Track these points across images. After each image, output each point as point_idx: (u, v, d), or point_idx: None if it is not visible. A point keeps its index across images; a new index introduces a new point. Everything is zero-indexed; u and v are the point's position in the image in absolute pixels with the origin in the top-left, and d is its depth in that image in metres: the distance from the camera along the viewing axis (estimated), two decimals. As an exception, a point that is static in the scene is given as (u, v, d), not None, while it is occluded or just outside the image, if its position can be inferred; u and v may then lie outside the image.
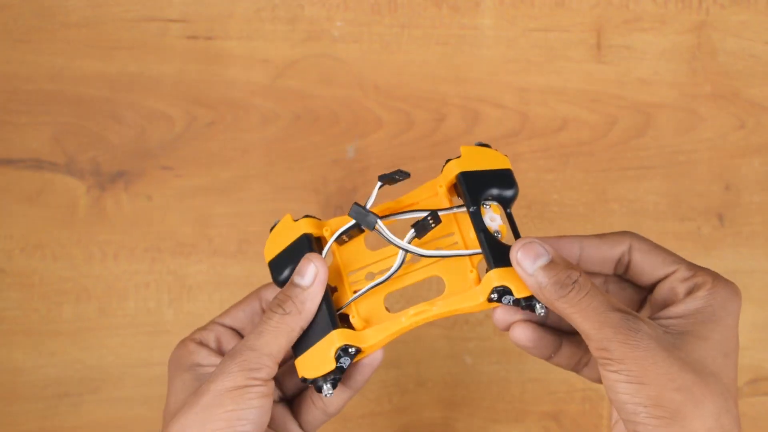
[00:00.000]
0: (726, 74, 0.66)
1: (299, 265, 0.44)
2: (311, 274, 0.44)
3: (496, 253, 0.43)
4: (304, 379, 0.44)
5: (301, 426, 0.48)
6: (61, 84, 0.64)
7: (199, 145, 0.64)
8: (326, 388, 0.43)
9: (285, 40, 0.65)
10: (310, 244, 0.45)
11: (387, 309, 0.45)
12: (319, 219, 0.46)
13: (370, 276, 0.46)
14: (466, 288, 0.44)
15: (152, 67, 0.64)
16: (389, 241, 0.43)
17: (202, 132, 0.64)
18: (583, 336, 0.41)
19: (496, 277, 0.42)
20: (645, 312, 0.46)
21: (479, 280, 0.44)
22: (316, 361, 0.43)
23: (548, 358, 0.46)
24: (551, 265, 0.41)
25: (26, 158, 0.64)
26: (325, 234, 0.46)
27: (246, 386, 0.42)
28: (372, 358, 0.45)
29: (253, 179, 0.64)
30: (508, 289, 0.42)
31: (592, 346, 0.40)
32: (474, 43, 0.66)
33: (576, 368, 0.47)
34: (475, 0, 0.65)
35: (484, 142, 0.47)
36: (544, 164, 0.65)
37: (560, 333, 0.46)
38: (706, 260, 0.65)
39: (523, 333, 0.44)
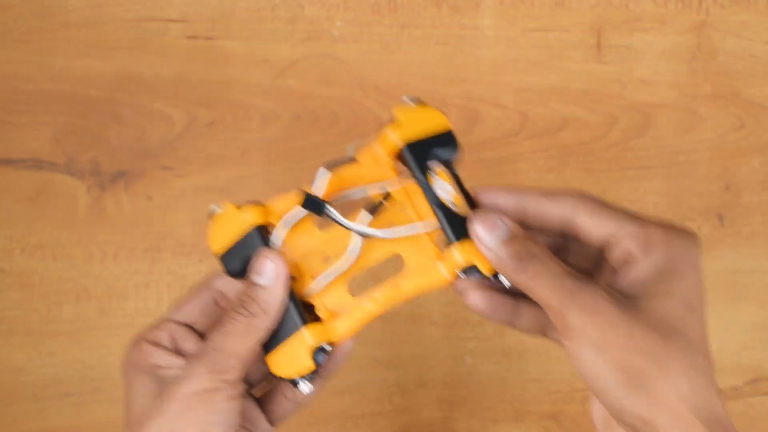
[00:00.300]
0: (726, 74, 0.66)
1: (256, 263, 0.43)
2: (271, 272, 0.42)
3: (456, 227, 0.42)
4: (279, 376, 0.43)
5: (268, 418, 0.47)
6: (61, 84, 0.64)
7: (199, 145, 0.64)
8: (305, 385, 0.43)
9: (285, 40, 0.65)
10: (262, 237, 0.43)
11: (350, 293, 0.44)
12: (262, 203, 0.44)
13: (326, 259, 0.44)
14: (429, 264, 0.43)
15: (152, 67, 0.64)
16: (345, 226, 0.42)
17: (202, 132, 0.64)
18: (543, 306, 0.40)
19: (460, 253, 0.41)
20: (604, 274, 0.43)
21: (441, 255, 0.42)
22: (290, 360, 0.42)
23: (510, 324, 0.45)
24: (510, 239, 0.40)
25: (26, 158, 0.64)
26: (273, 221, 0.44)
27: (215, 389, 0.41)
28: (345, 347, 0.44)
29: (253, 179, 0.64)
30: (475, 266, 0.41)
31: (551, 315, 0.39)
32: (474, 43, 0.66)
33: (543, 332, 0.45)
34: (475, 0, 0.65)
35: (416, 97, 0.46)
36: (544, 164, 0.65)
37: (518, 296, 0.44)
38: (706, 260, 0.65)
39: (478, 298, 0.44)
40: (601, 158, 0.65)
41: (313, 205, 0.42)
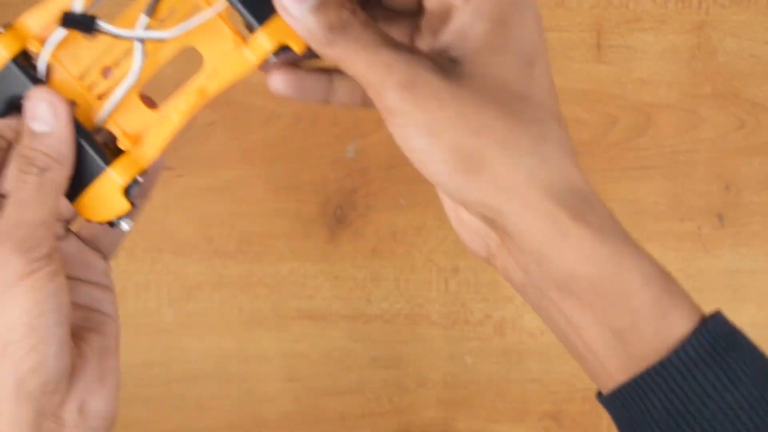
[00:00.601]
0: (726, 74, 0.66)
1: (30, 107, 0.36)
2: (49, 114, 0.36)
3: (253, 6, 0.36)
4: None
5: (99, 253, 0.41)
6: (61, 84, 0.64)
7: (199, 145, 0.64)
8: (124, 223, 0.38)
9: (285, 40, 0.65)
10: (24, 70, 0.37)
11: (147, 103, 0.39)
12: (11, 25, 0.38)
13: (107, 71, 0.38)
14: (231, 53, 0.38)
15: (152, 67, 0.64)
16: (124, 37, 0.36)
17: (203, 132, 0.64)
18: (361, 84, 0.34)
19: (267, 36, 0.36)
20: (427, 32, 0.36)
21: (245, 40, 0.37)
22: (102, 203, 0.38)
23: (325, 101, 0.39)
24: (320, 6, 0.34)
25: (26, 158, 0.64)
26: (32, 47, 0.37)
27: (32, 272, 0.34)
28: (155, 168, 0.40)
29: (253, 179, 0.64)
30: (286, 46, 0.36)
31: (369, 94, 0.34)
32: (474, 43, 0.65)
33: (363, 104, 0.39)
34: (475, 0, 0.65)
35: None
36: (544, 164, 0.65)
37: (332, 70, 0.39)
38: (706, 260, 0.65)
39: (281, 81, 0.38)
40: (601, 158, 0.65)
41: (78, 23, 0.36)
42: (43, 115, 0.36)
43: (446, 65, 0.33)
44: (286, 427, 0.65)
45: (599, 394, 0.37)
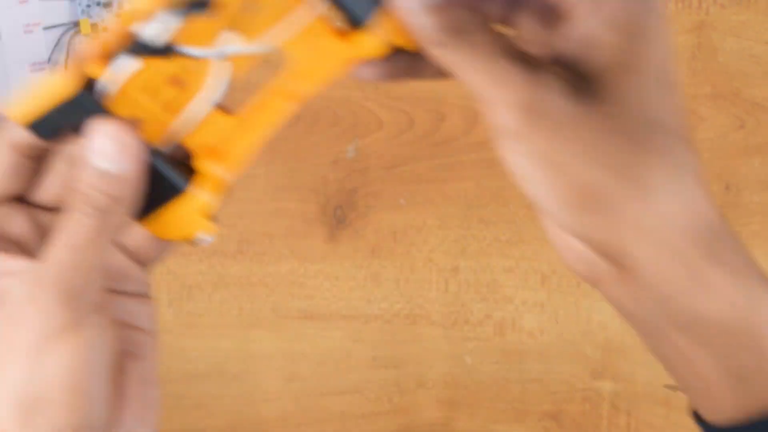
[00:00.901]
0: (726, 74, 0.66)
1: (100, 144, 0.30)
2: (121, 156, 0.30)
3: (358, 2, 0.31)
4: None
5: (138, 261, 0.36)
6: (61, 84, 0.64)
7: (199, 145, 0.64)
8: (207, 238, 0.34)
9: (285, 40, 0.65)
10: (96, 105, 0.31)
11: (225, 111, 0.34)
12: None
13: (179, 83, 0.33)
14: (327, 51, 0.32)
15: (152, 67, 0.64)
16: (209, 57, 0.33)
17: (202, 132, 0.64)
18: (476, 98, 0.30)
19: (377, 34, 0.31)
20: (529, 25, 0.32)
21: (344, 36, 0.32)
22: (183, 223, 0.34)
23: (409, 78, 0.35)
24: (438, 5, 0.29)
25: (26, 158, 0.64)
26: (95, 73, 0.31)
27: (77, 324, 0.29)
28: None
29: (253, 179, 0.64)
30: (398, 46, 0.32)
31: (482, 108, 0.30)
32: (474, 43, 0.65)
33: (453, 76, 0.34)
34: (475, 0, 0.65)
35: None
36: (544, 164, 0.65)
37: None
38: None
39: (371, 68, 0.33)
40: (601, 158, 0.65)
41: (151, 51, 0.31)
42: (112, 155, 0.30)
43: (577, 83, 0.29)
44: (286, 427, 0.65)
45: (698, 418, 0.34)
